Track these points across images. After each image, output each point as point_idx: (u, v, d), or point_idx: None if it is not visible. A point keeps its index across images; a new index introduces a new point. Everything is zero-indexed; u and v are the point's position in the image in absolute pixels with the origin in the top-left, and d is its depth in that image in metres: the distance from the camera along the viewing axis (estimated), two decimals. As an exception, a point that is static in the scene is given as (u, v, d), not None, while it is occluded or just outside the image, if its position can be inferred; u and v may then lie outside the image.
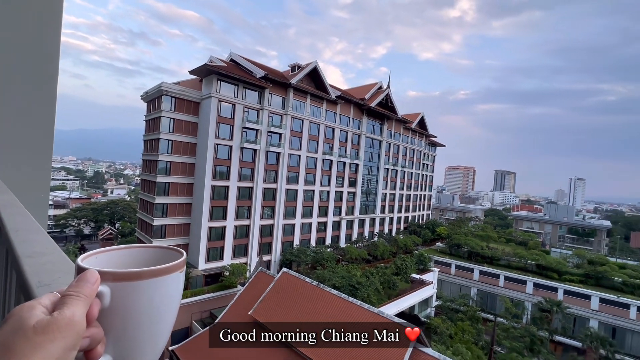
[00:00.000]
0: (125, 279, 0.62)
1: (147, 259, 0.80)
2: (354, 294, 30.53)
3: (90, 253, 0.72)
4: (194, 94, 39.75)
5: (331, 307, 19.13)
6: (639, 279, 42.80)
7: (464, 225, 71.53)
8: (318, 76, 49.24)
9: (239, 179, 41.46)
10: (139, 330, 0.66)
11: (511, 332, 35.19)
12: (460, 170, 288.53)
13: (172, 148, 38.61)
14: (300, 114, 47.52)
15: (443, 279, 49.15)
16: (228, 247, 40.97)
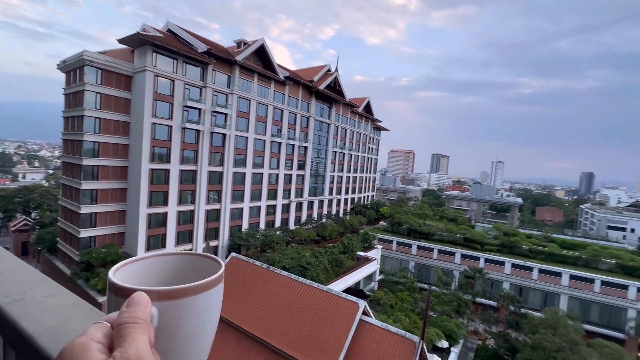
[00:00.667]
0: (170, 297, 0.56)
1: (181, 269, 0.73)
2: (303, 274, 31.41)
3: (119, 265, 0.65)
4: (124, 67, 35.48)
5: (282, 288, 19.50)
6: (541, 246, 51.04)
7: (404, 205, 77.12)
8: (266, 55, 47.41)
9: (181, 161, 38.83)
10: (184, 347, 0.61)
11: (442, 298, 39.72)
12: (402, 154, 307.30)
13: (100, 127, 34.39)
14: (247, 94, 45.61)
15: (385, 255, 52.92)
16: (171, 234, 38.69)
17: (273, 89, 49.90)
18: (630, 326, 39.07)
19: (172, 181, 38.10)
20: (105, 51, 37.40)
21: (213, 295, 0.62)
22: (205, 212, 41.92)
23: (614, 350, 29.90)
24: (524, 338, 34.56)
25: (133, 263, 0.69)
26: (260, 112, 48.38)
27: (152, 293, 0.55)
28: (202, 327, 0.62)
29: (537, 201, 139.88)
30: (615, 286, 41.79)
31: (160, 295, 0.56)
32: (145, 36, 33.44)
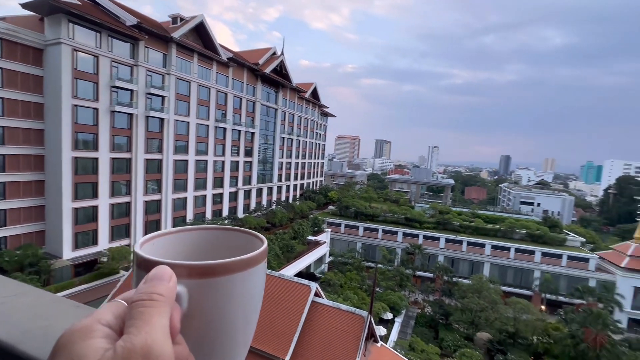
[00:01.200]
0: (204, 274, 0.46)
1: (217, 245, 0.63)
2: (254, 262, 31.13)
3: (148, 237, 0.57)
4: (32, 37, 30.20)
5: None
6: (469, 221, 57.47)
7: (351, 189, 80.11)
8: (206, 33, 44.21)
9: (111, 149, 34.96)
10: (220, 338, 0.50)
11: (387, 274, 42.80)
12: (348, 140, 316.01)
13: (3, 108, 29.14)
14: (186, 75, 42.31)
15: (334, 238, 54.86)
16: (104, 229, 35.06)
17: (215, 70, 47.01)
18: (535, 284, 46.59)
19: (102, 171, 34.22)
20: (5, 17, 31.33)
21: (255, 274, 0.52)
22: (143, 204, 38.69)
23: (524, 305, 35.55)
24: (456, 303, 39.17)
25: (162, 236, 0.60)
26: (202, 95, 45.39)
27: (181, 268, 0.45)
28: (241, 313, 0.51)
29: (466, 182, 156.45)
30: (526, 252, 49.24)
31: (191, 270, 0.46)
32: (57, 2, 28.67)
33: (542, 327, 34.31)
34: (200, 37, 44.42)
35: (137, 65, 36.28)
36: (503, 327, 34.59)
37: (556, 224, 56.78)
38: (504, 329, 34.63)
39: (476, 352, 30.75)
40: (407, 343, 31.18)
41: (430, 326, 38.19)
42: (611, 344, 30.35)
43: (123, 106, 35.09)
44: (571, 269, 46.84)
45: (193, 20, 42.19)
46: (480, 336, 35.74)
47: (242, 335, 0.53)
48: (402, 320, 37.08)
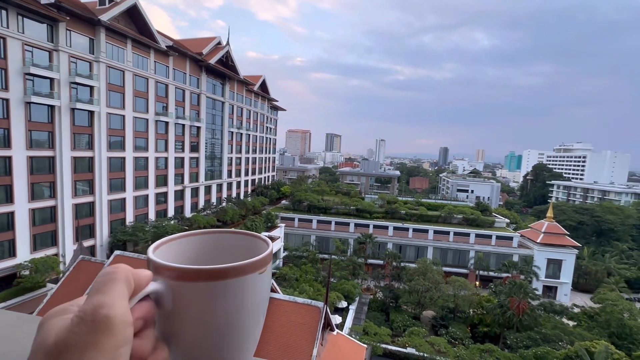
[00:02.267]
0: (193, 278, 0.47)
1: (224, 248, 0.65)
2: (206, 262, 29.91)
3: (163, 241, 0.59)
4: None
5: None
6: (414, 209, 61.60)
7: (303, 183, 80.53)
8: (140, 17, 40.40)
9: (29, 145, 30.45)
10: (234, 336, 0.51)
11: (341, 264, 44.16)
12: (299, 134, 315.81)
13: None
14: (119, 64, 38.34)
15: (289, 232, 54.86)
16: (23, 238, 30.60)
17: (153, 59, 43.33)
18: (470, 263, 51.89)
19: (18, 171, 29.68)
20: None
21: (265, 275, 0.53)
22: (73, 207, 34.51)
23: (462, 282, 39.44)
24: (404, 286, 41.97)
25: (176, 240, 0.61)
26: (139, 86, 41.58)
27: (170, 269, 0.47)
28: (253, 314, 0.52)
29: (410, 173, 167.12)
30: (462, 235, 54.46)
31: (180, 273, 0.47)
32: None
33: (476, 300, 38.46)
34: (134, 22, 40.48)
35: (57, 50, 31.86)
36: (445, 304, 38.06)
37: (487, 208, 63.60)
38: (446, 306, 38.14)
39: (423, 329, 33.44)
40: (361, 328, 32.68)
41: (382, 310, 40.47)
42: (530, 309, 35.24)
43: (41, 97, 30.66)
44: (499, 247, 53.04)
45: (124, 2, 38.19)
46: (426, 314, 38.90)
47: (252, 334, 0.54)
48: (356, 307, 38.69)
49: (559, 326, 34.64)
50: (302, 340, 17.70)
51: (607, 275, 53.63)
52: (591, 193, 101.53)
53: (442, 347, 29.65)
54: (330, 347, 20.92)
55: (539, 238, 52.48)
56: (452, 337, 34.03)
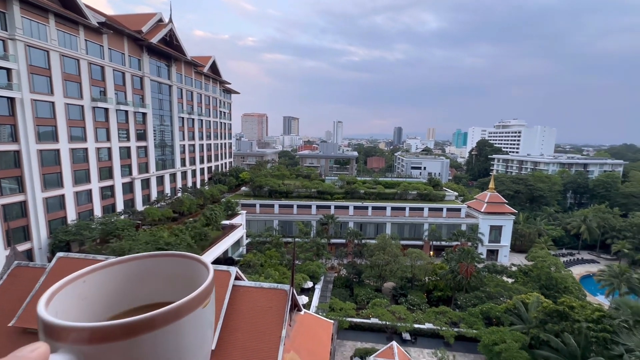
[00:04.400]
0: (113, 337, 0.37)
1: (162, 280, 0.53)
2: (164, 256, 28.62)
3: (59, 285, 0.45)
4: None
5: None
6: (372, 188, 63.99)
7: (263, 168, 79.20)
8: (63, -11, 35.38)
9: None
10: None
11: (304, 246, 44.90)
12: (255, 117, 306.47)
13: None
14: (41, 42, 33.57)
15: (250, 219, 54.12)
16: (-62, 248, 26.56)
17: (84, 37, 38.57)
18: (425, 235, 55.82)
19: None
20: None
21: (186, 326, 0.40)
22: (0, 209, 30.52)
23: (418, 253, 42.40)
24: (365, 261, 44.06)
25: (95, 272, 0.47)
26: (68, 69, 36.97)
27: (76, 331, 0.38)
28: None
29: (367, 153, 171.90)
30: (417, 209, 58.03)
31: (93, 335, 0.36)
32: None
33: (431, 268, 41.77)
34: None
35: (-43, 26, 26.91)
36: (404, 275, 40.80)
37: (438, 183, 68.11)
38: (404, 276, 40.91)
39: (384, 300, 35.70)
40: (327, 305, 33.96)
41: (346, 286, 42.30)
42: (477, 271, 39.19)
43: (-57, 82, 25.99)
44: (449, 218, 57.55)
45: (41, -31, 33.02)
46: (387, 286, 41.47)
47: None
48: (321, 286, 39.94)
49: (500, 284, 39.09)
50: (271, 323, 17.98)
51: (538, 236, 61.10)
52: (525, 164, 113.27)
53: (402, 314, 32.03)
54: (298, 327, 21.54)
55: (483, 208, 57.76)
56: (411, 304, 36.86)
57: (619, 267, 42.77)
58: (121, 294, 0.49)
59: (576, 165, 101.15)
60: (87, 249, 32.98)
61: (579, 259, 60.79)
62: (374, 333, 32.00)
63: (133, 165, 47.48)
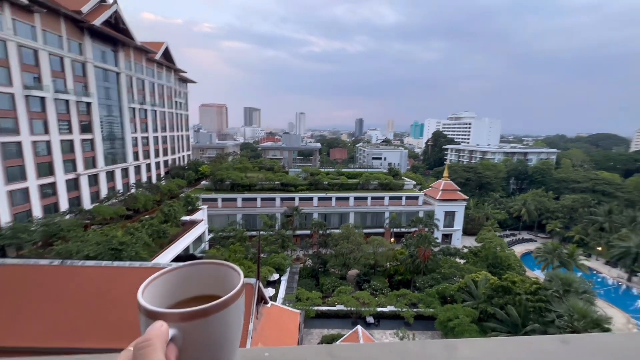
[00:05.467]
0: (194, 317, 0.62)
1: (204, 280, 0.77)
2: (118, 257, 26.98)
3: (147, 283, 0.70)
4: None
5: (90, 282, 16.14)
6: (335, 179, 65.05)
7: (224, 161, 76.73)
8: (-19, -42, 30.79)
9: None
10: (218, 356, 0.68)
11: (269, 239, 44.70)
12: (214, 108, 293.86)
13: None
14: (-44, 20, 29.06)
15: (212, 214, 52.48)
16: None
17: (10, 16, 34.06)
18: (386, 223, 58.28)
19: None
20: None
21: (234, 309, 0.67)
22: None
23: (380, 241, 44.27)
24: (330, 251, 45.05)
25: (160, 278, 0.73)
26: (-8, 51, 32.54)
27: (174, 315, 0.61)
28: (226, 339, 0.68)
29: (330, 144, 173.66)
30: (378, 198, 60.24)
31: (183, 316, 0.61)
32: None
33: (392, 254, 43.88)
34: (-28, -37, 30.69)
35: None
36: (367, 262, 42.44)
37: (397, 173, 71.09)
38: (367, 263, 42.58)
39: (349, 287, 36.96)
40: (293, 296, 34.38)
41: (312, 276, 43.03)
42: (433, 255, 41.96)
43: None
44: (408, 206, 60.58)
45: None
46: (351, 273, 42.87)
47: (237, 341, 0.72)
48: (287, 277, 40.22)
49: (453, 265, 42.28)
50: (237, 317, 17.86)
51: (486, 219, 66.68)
52: (475, 154, 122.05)
53: (365, 299, 33.47)
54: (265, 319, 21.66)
55: (438, 195, 61.54)
56: (374, 289, 38.58)
57: (552, 244, 48.29)
58: (177, 289, 0.73)
59: (518, 154, 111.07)
60: (26, 254, 29.89)
61: (520, 238, 67.46)
62: (340, 319, 33.11)
63: (78, 160, 43.51)
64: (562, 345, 0.69)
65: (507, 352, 0.66)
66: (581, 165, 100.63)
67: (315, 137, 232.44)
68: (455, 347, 0.66)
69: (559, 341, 0.71)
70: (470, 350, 0.66)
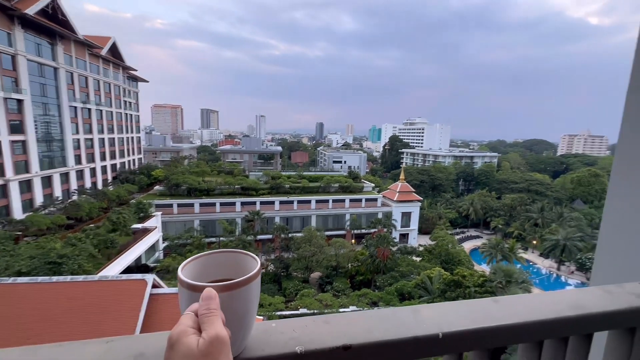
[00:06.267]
0: (228, 289, 0.77)
1: (228, 264, 0.93)
2: (57, 272, 24.45)
3: (185, 263, 0.85)
4: None
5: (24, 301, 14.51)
6: (297, 183, 65.17)
7: (179, 165, 73.01)
8: None
9: None
10: (239, 325, 0.82)
11: (230, 245, 43.40)
12: (168, 109, 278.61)
13: None
14: None
15: (167, 221, 49.67)
16: None
17: None
18: (347, 225, 59.62)
19: None
20: None
21: (255, 285, 0.83)
22: None
23: (341, 242, 45.18)
24: (293, 255, 44.98)
25: (196, 260, 0.90)
26: None
27: (217, 287, 0.75)
28: (250, 309, 0.85)
29: (291, 148, 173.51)
30: (339, 201, 61.46)
31: (221, 288, 0.76)
32: None
33: (353, 255, 44.99)
34: None
35: None
36: (329, 264, 43.03)
37: (357, 176, 73.13)
38: (330, 265, 43.19)
39: (312, 290, 37.20)
40: (256, 302, 33.71)
41: (275, 281, 42.55)
42: (392, 254, 43.80)
43: None
44: (368, 208, 62.58)
45: None
46: (314, 276, 43.17)
47: (250, 322, 0.87)
48: (249, 283, 39.29)
49: (410, 263, 44.49)
50: (197, 328, 17.17)
51: (439, 218, 71.12)
52: (428, 157, 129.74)
53: (328, 301, 33.90)
54: (226, 328, 21.00)
55: (395, 197, 64.41)
56: (336, 290, 39.20)
57: (495, 240, 52.98)
58: (206, 270, 0.91)
59: (465, 158, 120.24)
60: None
61: (468, 235, 72.96)
62: (303, 322, 33.11)
63: (6, 164, 38.73)
64: (494, 303, 1.01)
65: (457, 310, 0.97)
66: (518, 168, 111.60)
67: (276, 140, 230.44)
68: (419, 311, 0.94)
69: (492, 301, 1.03)
70: (432, 311, 0.95)
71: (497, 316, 0.94)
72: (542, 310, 0.99)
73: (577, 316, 0.99)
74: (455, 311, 0.97)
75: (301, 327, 0.85)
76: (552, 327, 0.97)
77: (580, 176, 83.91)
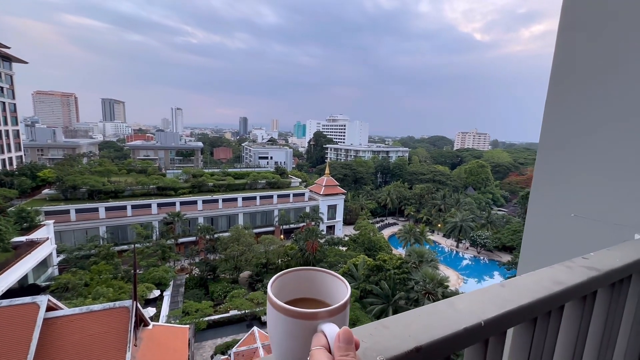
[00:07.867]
0: (334, 314, 0.71)
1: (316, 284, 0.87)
2: None
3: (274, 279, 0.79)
4: None
5: None
6: (221, 180, 61.90)
7: (76, 164, 62.09)
8: None
9: None
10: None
11: (146, 251, 39.07)
12: (57, 97, 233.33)
13: None
14: None
15: (63, 230, 42.00)
16: None
17: None
18: (276, 220, 59.34)
19: None
20: None
21: (347, 312, 0.77)
22: None
23: (270, 239, 44.82)
24: (220, 256, 42.81)
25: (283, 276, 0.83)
26: None
27: (324, 313, 0.70)
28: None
29: (213, 143, 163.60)
30: (267, 197, 60.68)
31: (331, 313, 0.71)
32: None
33: (283, 251, 45.11)
34: None
35: None
36: (259, 262, 42.29)
37: (284, 172, 73.20)
38: (260, 262, 42.49)
39: (242, 290, 36.12)
40: (179, 311, 31.24)
41: (201, 285, 39.98)
42: (320, 246, 45.33)
43: None
44: (295, 203, 63.30)
45: None
46: (243, 275, 41.96)
47: None
48: (171, 291, 36.11)
49: (338, 253, 46.76)
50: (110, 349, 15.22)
51: (361, 209, 76.27)
52: (350, 152, 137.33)
53: (260, 299, 33.38)
54: (147, 343, 19.08)
55: (321, 190, 66.59)
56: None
57: (409, 225, 59.38)
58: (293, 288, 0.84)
59: (382, 152, 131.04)
60: None
61: (386, 223, 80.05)
62: (235, 325, 31.98)
63: None
64: (502, 288, 1.12)
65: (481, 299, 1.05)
66: (425, 161, 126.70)
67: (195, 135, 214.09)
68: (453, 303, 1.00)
69: (500, 286, 1.13)
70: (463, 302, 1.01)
71: (509, 299, 1.04)
72: (538, 289, 1.12)
73: (561, 290, 1.14)
74: (480, 300, 1.04)
75: (368, 336, 0.83)
76: (544, 303, 1.10)
77: (470, 167, 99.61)
